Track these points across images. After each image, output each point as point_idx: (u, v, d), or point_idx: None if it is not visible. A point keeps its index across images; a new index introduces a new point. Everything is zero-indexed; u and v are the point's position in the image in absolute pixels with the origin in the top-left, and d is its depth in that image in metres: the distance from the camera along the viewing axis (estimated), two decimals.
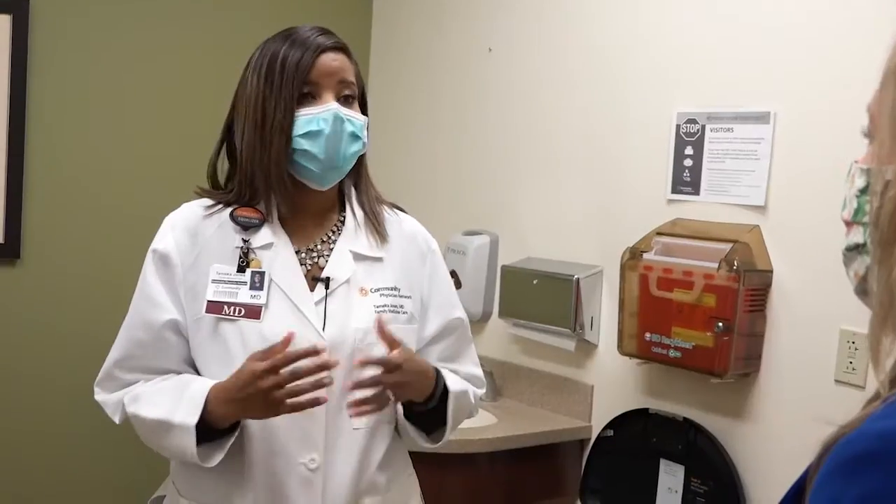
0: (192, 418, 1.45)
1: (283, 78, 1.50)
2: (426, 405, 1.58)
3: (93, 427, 2.78)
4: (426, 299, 1.67)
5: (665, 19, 2.51)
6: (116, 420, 1.58)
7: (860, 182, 0.80)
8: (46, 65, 2.83)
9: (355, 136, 1.55)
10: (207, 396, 1.46)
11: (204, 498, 1.55)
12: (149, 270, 1.56)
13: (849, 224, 0.82)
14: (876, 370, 0.70)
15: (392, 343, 1.49)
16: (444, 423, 1.61)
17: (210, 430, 1.47)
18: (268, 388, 1.39)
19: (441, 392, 1.59)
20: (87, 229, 2.93)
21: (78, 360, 2.82)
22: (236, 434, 1.50)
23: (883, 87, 0.75)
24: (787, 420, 2.21)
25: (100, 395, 1.60)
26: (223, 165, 1.63)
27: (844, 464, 0.64)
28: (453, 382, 1.62)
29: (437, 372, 1.59)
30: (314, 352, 1.42)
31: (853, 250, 0.81)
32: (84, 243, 2.92)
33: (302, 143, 1.51)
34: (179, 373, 1.56)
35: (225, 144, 1.62)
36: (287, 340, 1.42)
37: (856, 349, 2.07)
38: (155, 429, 1.51)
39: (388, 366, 1.46)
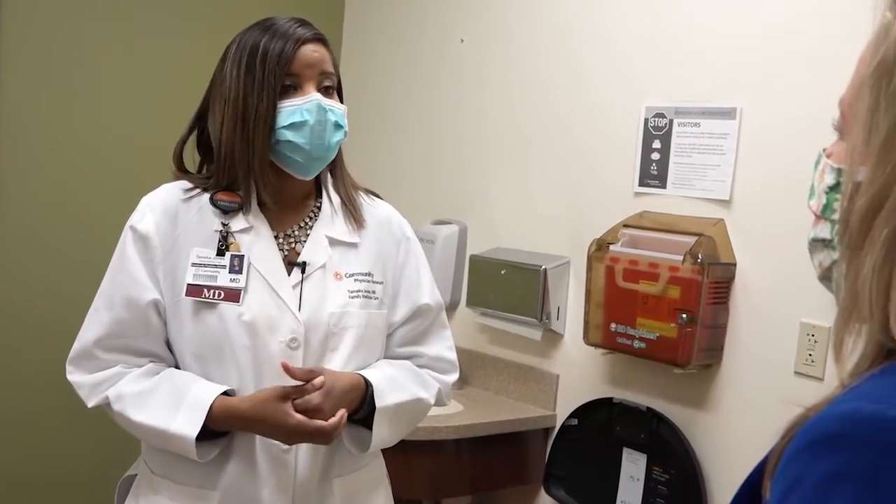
0: (192, 430, 1.46)
1: (265, 70, 1.51)
2: (353, 415, 1.58)
3: (63, 406, 2.75)
4: (396, 285, 1.69)
5: (635, 15, 2.53)
6: (90, 404, 1.56)
7: (829, 179, 0.82)
8: (20, 34, 2.78)
9: (338, 126, 1.57)
10: (212, 409, 1.47)
11: (177, 477, 1.56)
12: (129, 248, 1.55)
13: (817, 217, 0.84)
14: (838, 366, 0.73)
15: (306, 377, 1.49)
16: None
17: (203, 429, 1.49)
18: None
19: (369, 405, 1.57)
20: (60, 208, 2.90)
21: (49, 337, 2.79)
22: (229, 436, 1.53)
23: (858, 95, 0.77)
24: (748, 410, 2.25)
25: (74, 376, 1.57)
26: (193, 154, 1.63)
27: (809, 444, 0.66)
28: (388, 395, 1.59)
29: (367, 385, 1.57)
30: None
31: (819, 242, 0.83)
32: (56, 221, 2.89)
33: (286, 135, 1.52)
34: (158, 354, 1.56)
35: (196, 132, 1.62)
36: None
37: (815, 342, 2.11)
38: (148, 433, 1.52)
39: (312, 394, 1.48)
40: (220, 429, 1.50)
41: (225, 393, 1.51)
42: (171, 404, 1.49)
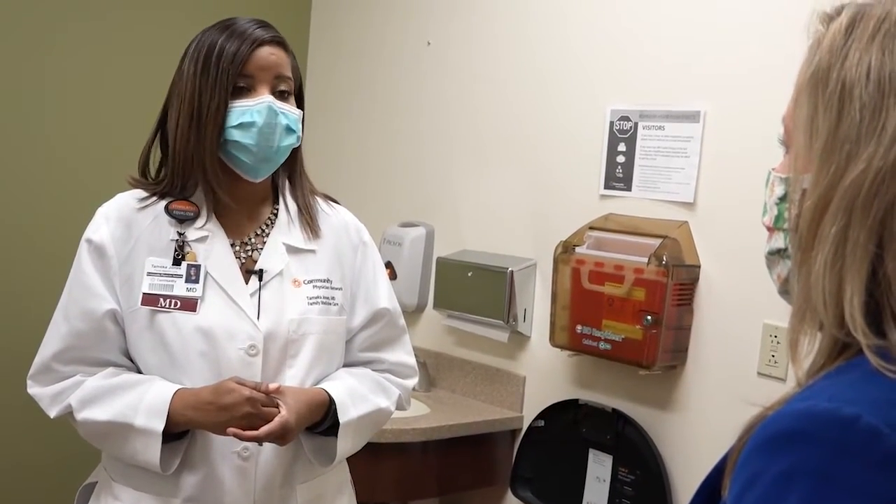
0: (158, 424, 1.45)
1: (219, 69, 1.50)
2: (313, 429, 1.58)
3: (21, 413, 2.71)
4: (354, 290, 1.69)
5: (600, 18, 2.55)
6: (52, 414, 1.55)
7: (779, 190, 0.84)
8: None
9: (289, 130, 1.56)
10: (172, 402, 1.46)
11: (137, 484, 1.54)
12: (84, 260, 1.54)
13: (770, 230, 0.86)
14: (794, 366, 0.74)
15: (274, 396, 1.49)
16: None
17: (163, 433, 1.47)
18: (243, 414, 1.44)
19: (332, 418, 1.57)
20: (17, 217, 2.85)
21: (5, 347, 2.76)
22: (188, 439, 1.51)
23: (796, 103, 0.80)
24: (712, 411, 2.27)
25: (33, 389, 1.56)
26: (155, 155, 1.62)
27: (766, 441, 0.67)
28: (351, 409, 1.59)
29: (331, 400, 1.57)
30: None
31: (775, 254, 0.85)
32: (12, 232, 2.86)
33: (234, 135, 1.51)
34: (118, 364, 1.55)
35: (159, 133, 1.61)
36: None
37: (778, 343, 2.14)
38: (112, 432, 1.50)
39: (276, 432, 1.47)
40: (176, 424, 1.48)
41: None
42: (133, 401, 1.48)
